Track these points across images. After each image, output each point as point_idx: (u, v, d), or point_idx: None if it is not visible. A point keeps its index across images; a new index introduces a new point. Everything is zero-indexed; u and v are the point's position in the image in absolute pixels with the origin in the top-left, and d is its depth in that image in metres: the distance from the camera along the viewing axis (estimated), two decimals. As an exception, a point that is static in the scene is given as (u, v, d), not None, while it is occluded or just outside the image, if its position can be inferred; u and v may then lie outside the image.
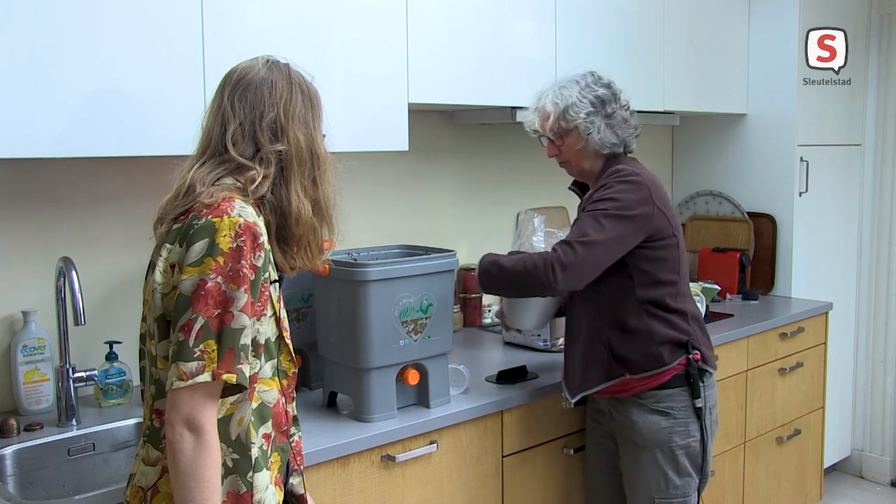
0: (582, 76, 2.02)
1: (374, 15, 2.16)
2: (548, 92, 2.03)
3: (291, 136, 1.37)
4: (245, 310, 1.21)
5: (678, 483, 1.97)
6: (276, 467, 1.36)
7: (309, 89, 1.43)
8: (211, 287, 1.19)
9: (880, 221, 3.69)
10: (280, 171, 1.36)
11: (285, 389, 1.39)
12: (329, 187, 1.43)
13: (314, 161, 1.40)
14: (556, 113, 1.98)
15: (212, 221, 1.23)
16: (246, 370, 1.22)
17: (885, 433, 3.73)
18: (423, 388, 1.97)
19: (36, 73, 1.63)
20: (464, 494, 2.01)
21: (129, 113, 1.74)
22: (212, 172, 1.33)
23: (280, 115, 1.37)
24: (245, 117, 1.36)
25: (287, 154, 1.36)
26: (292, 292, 2.09)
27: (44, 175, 1.98)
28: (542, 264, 1.83)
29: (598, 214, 1.88)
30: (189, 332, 1.18)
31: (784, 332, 3.01)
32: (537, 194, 3.10)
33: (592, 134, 1.96)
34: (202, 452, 1.18)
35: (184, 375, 1.17)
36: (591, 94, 1.98)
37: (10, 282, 1.96)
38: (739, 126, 3.47)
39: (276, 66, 1.40)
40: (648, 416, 1.96)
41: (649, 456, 1.97)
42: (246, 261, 1.22)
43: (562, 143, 2.01)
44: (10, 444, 1.76)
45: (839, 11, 3.44)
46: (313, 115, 1.42)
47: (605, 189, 1.93)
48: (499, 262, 1.93)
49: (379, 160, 2.65)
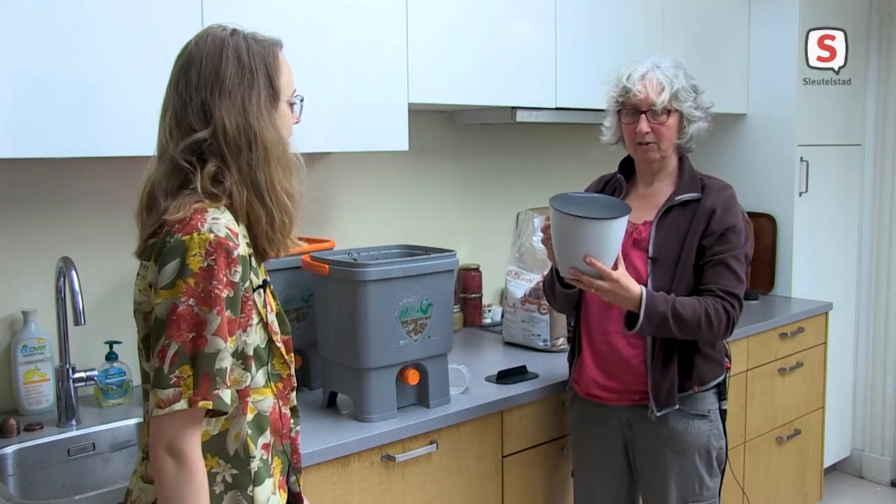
0: (677, 62, 1.95)
1: (375, 15, 2.16)
2: (646, 66, 1.91)
3: (218, 117, 1.23)
4: (219, 332, 1.16)
5: (710, 485, 1.97)
6: (278, 471, 1.35)
7: (251, 59, 1.26)
8: (183, 311, 1.15)
9: (880, 221, 3.69)
10: (222, 160, 1.24)
11: (281, 392, 1.35)
12: (275, 170, 1.27)
13: (249, 142, 1.24)
14: (669, 89, 1.88)
15: (181, 240, 1.17)
16: (225, 395, 1.17)
17: (885, 433, 3.73)
18: (423, 388, 1.97)
19: (37, 74, 1.63)
20: (464, 494, 2.01)
21: (130, 113, 1.74)
22: (168, 177, 1.25)
23: (207, 96, 1.24)
24: (178, 105, 1.25)
25: (216, 140, 1.23)
26: (292, 292, 2.09)
27: (44, 175, 1.98)
28: (723, 323, 1.83)
29: (741, 255, 1.89)
30: (164, 358, 1.14)
31: (784, 332, 3.01)
32: (537, 194, 3.10)
33: (696, 122, 1.93)
34: (185, 478, 1.15)
35: (161, 403, 1.14)
36: (690, 82, 1.93)
37: (10, 282, 1.96)
38: (739, 126, 3.47)
39: (212, 37, 1.27)
40: (689, 421, 1.93)
41: (687, 461, 1.94)
42: (218, 280, 1.16)
43: (664, 121, 1.90)
44: (10, 444, 1.76)
45: (839, 11, 3.44)
46: (251, 89, 1.25)
47: (731, 214, 1.90)
48: (677, 313, 1.80)
49: (379, 160, 2.65)
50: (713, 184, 1.96)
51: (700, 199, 1.91)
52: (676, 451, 1.94)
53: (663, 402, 1.91)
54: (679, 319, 1.80)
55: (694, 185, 1.94)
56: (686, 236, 1.89)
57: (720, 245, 1.87)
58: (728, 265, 1.87)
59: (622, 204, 1.83)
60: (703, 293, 1.86)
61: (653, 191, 1.99)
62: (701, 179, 1.96)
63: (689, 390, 1.92)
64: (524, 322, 2.56)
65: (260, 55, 1.28)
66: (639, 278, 1.87)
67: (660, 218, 1.92)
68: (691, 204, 1.92)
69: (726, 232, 1.88)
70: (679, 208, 1.92)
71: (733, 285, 1.86)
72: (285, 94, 1.31)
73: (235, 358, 1.23)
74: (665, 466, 1.95)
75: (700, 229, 1.88)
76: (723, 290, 1.85)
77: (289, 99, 1.33)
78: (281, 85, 1.30)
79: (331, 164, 2.54)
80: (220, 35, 1.27)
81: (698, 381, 1.93)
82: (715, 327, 1.83)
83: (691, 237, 1.88)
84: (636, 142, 1.93)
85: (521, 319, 2.57)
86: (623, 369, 1.95)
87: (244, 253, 1.23)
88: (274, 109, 1.29)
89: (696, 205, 1.91)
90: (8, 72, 1.59)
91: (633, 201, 1.99)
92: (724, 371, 2.00)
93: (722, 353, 2.01)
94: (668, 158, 1.97)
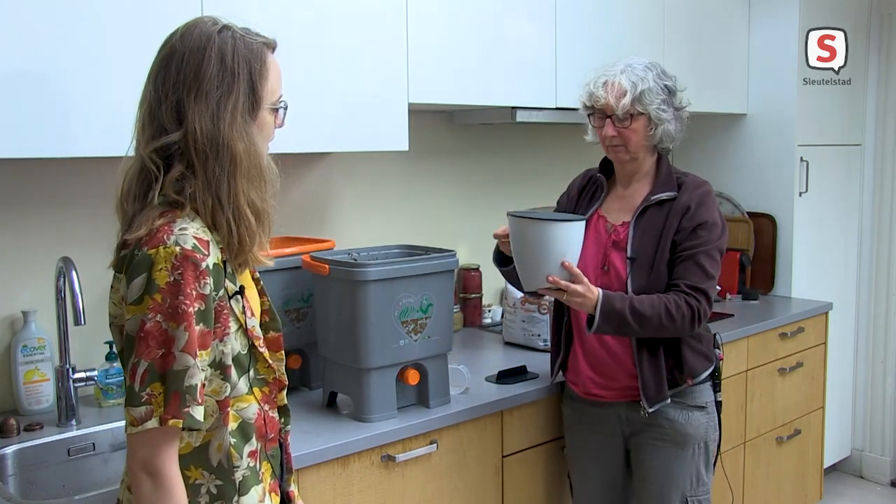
0: (651, 64, 1.95)
1: (374, 15, 2.16)
2: (615, 70, 1.93)
3: (190, 120, 1.18)
4: (188, 349, 1.13)
5: (706, 480, 1.99)
6: (268, 476, 1.32)
7: (235, 61, 1.20)
8: (151, 328, 1.12)
9: (880, 221, 3.69)
10: (188, 166, 1.19)
11: (267, 397, 1.32)
12: (242, 181, 1.21)
13: (218, 151, 1.18)
14: (632, 93, 1.89)
15: (148, 255, 1.14)
16: (196, 412, 1.14)
17: (885, 433, 3.73)
18: (423, 388, 1.97)
19: (38, 73, 1.63)
20: (464, 494, 2.01)
21: (128, 113, 1.73)
22: (136, 177, 1.21)
23: (183, 95, 1.18)
24: (153, 100, 1.20)
25: (185, 144, 1.18)
26: (292, 292, 2.09)
27: (44, 175, 1.98)
28: (687, 317, 1.84)
29: (713, 250, 1.90)
30: (134, 376, 1.12)
31: (784, 332, 3.01)
32: (537, 194, 3.10)
33: (664, 124, 1.92)
34: (161, 496, 1.14)
35: (134, 421, 1.12)
36: (663, 82, 1.93)
37: (10, 282, 1.96)
38: (739, 126, 3.47)
39: (199, 31, 1.21)
40: (689, 413, 1.96)
41: (686, 453, 1.96)
42: (186, 295, 1.13)
43: (628, 125, 1.92)
44: (10, 444, 1.76)
45: (839, 11, 3.44)
46: (229, 94, 1.19)
47: (704, 210, 1.91)
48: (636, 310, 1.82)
49: (379, 160, 2.65)
50: (689, 181, 1.97)
51: (675, 198, 1.94)
52: (678, 444, 1.96)
53: (653, 397, 1.92)
54: (638, 316, 1.82)
55: (670, 184, 1.96)
56: (661, 235, 1.92)
57: (690, 241, 1.90)
58: (696, 261, 1.88)
59: (574, 216, 1.94)
60: (671, 288, 1.88)
61: (630, 192, 2.02)
62: (678, 178, 1.98)
63: (684, 384, 1.95)
64: (524, 322, 2.56)
65: (245, 58, 1.22)
66: (619, 279, 1.92)
67: (637, 218, 1.95)
68: (667, 203, 1.94)
69: (697, 228, 1.90)
70: (655, 208, 1.95)
71: (700, 280, 1.87)
72: (268, 101, 1.26)
73: (213, 368, 1.21)
74: (667, 460, 1.97)
75: (674, 227, 1.91)
76: (689, 285, 1.86)
77: (272, 105, 1.27)
78: (264, 92, 1.24)
79: (331, 164, 2.54)
80: (207, 30, 1.21)
81: (691, 375, 1.95)
82: (678, 322, 1.84)
83: (666, 235, 1.91)
84: (606, 144, 1.98)
85: (521, 319, 2.57)
86: (615, 366, 1.97)
87: (217, 261, 1.20)
88: (251, 118, 1.23)
89: (671, 203, 1.93)
90: (7, 71, 1.59)
91: (613, 202, 2.04)
92: (715, 362, 2.02)
93: (710, 345, 2.02)
94: (643, 160, 1.98)
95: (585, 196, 2.10)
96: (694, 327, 1.87)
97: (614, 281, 1.94)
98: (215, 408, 1.22)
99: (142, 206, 1.20)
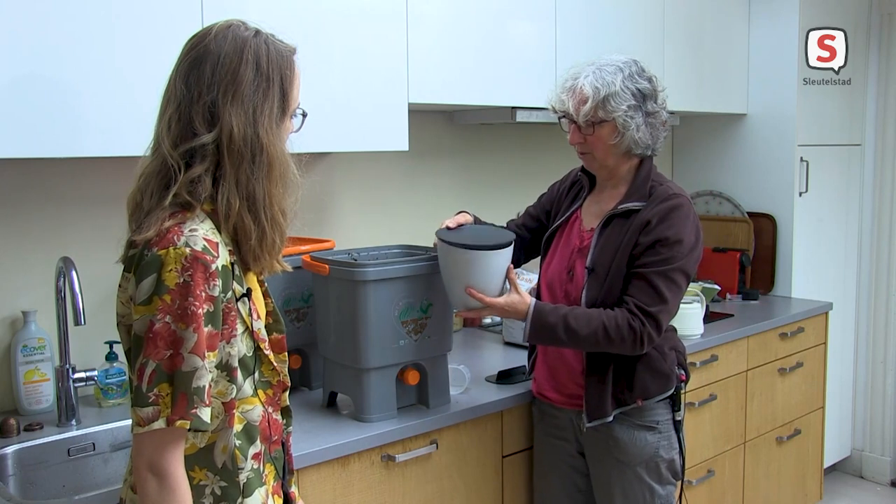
0: (625, 63, 1.82)
1: (374, 15, 2.16)
2: (585, 72, 1.82)
3: (226, 122, 1.19)
4: (197, 350, 1.14)
5: (662, 493, 1.91)
6: (271, 478, 1.33)
7: (269, 68, 1.22)
8: (159, 328, 1.13)
9: (880, 221, 3.69)
10: (216, 166, 1.20)
11: (271, 399, 1.33)
12: (275, 186, 1.23)
13: (254, 154, 1.20)
14: (595, 99, 1.77)
15: (157, 255, 1.14)
16: (203, 413, 1.15)
17: (885, 433, 3.73)
18: (423, 388, 1.97)
19: (40, 74, 1.63)
20: (464, 494, 2.01)
21: (130, 113, 1.74)
22: (156, 179, 1.21)
23: (218, 97, 1.19)
24: (183, 99, 1.20)
25: (218, 144, 1.19)
26: (292, 292, 2.09)
27: (44, 175, 1.98)
28: (627, 340, 1.74)
29: (673, 272, 1.76)
30: (142, 376, 1.13)
31: (784, 332, 3.01)
32: (537, 194, 3.09)
33: (630, 131, 1.79)
34: (167, 496, 1.14)
35: (141, 421, 1.13)
36: (634, 85, 1.80)
37: (10, 282, 1.96)
38: (739, 126, 3.47)
39: (233, 34, 1.22)
40: (635, 432, 1.87)
41: (633, 472, 1.88)
42: (195, 297, 1.14)
43: (591, 132, 1.81)
44: (10, 444, 1.76)
45: (839, 11, 3.44)
46: (264, 99, 1.22)
47: (666, 226, 1.77)
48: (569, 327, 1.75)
49: (379, 160, 2.65)
50: (659, 192, 1.84)
51: (640, 210, 1.82)
52: (621, 461, 1.89)
53: (593, 413, 1.85)
54: (571, 333, 1.75)
55: (641, 194, 1.84)
56: (619, 247, 1.81)
57: (648, 257, 1.78)
58: (650, 281, 1.76)
59: (506, 233, 1.87)
60: (621, 304, 1.78)
61: (604, 197, 1.94)
62: (652, 187, 1.85)
63: (633, 403, 1.85)
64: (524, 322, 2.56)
65: (278, 65, 1.24)
66: (578, 288, 1.87)
67: (601, 227, 1.87)
68: (633, 214, 1.83)
69: (657, 244, 1.77)
70: (621, 218, 1.84)
71: (650, 302, 1.75)
72: (293, 107, 1.29)
73: (220, 370, 1.22)
74: (610, 474, 1.91)
75: (633, 240, 1.80)
76: (638, 305, 1.75)
77: (294, 111, 1.30)
78: (291, 98, 1.27)
79: (331, 164, 2.54)
80: (242, 35, 1.23)
81: (642, 395, 1.85)
82: (616, 343, 1.75)
83: (624, 249, 1.81)
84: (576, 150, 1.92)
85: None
86: (566, 373, 1.95)
87: (225, 263, 1.20)
88: (282, 123, 1.26)
89: (636, 214, 1.82)
90: (7, 71, 1.59)
91: (590, 205, 1.97)
92: (675, 384, 1.89)
93: (673, 366, 1.89)
94: (615, 166, 1.87)
95: (571, 193, 2.05)
96: (636, 350, 1.77)
97: (574, 288, 1.88)
98: (221, 409, 1.23)
99: (157, 203, 1.21)
